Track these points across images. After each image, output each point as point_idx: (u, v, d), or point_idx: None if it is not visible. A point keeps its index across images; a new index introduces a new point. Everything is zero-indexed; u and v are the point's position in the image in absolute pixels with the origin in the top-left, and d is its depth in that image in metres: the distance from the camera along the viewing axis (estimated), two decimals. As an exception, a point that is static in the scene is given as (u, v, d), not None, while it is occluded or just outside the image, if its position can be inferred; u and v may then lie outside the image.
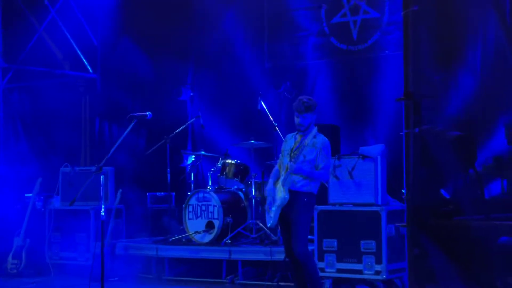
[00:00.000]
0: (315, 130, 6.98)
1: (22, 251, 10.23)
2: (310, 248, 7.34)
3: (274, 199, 6.92)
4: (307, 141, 6.90)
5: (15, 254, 10.23)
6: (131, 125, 7.27)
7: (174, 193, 11.19)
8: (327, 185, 8.50)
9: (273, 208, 6.88)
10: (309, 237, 7.10)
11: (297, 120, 6.98)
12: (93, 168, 7.03)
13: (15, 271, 10.14)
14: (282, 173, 6.95)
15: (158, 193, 11.51)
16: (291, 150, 6.98)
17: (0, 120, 12.39)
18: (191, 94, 12.50)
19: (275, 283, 8.45)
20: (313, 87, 11.29)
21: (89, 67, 13.24)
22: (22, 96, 12.89)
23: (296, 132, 7.08)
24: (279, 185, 6.92)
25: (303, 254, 6.85)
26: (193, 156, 10.89)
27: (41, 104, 12.78)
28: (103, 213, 7.07)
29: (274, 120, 9.61)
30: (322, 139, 6.99)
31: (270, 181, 7.08)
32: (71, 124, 13.09)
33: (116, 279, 9.46)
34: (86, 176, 10.12)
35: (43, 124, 12.82)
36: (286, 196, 6.83)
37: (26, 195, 10.99)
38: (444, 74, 6.35)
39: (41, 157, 12.24)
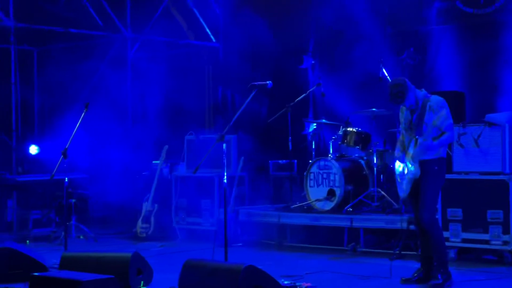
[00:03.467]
0: (425, 95, 6.86)
1: (151, 216, 10.66)
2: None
3: (404, 170, 6.85)
4: (423, 108, 6.78)
5: (144, 219, 10.67)
6: (252, 94, 7.38)
7: (296, 161, 11.26)
8: (451, 154, 8.32)
9: (405, 181, 6.83)
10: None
11: (404, 106, 6.91)
12: (216, 136, 7.20)
13: (144, 234, 10.59)
14: (411, 145, 6.84)
15: (280, 161, 11.63)
16: (410, 122, 6.89)
17: (129, 89, 12.88)
18: (312, 62, 12.47)
19: (397, 252, 8.38)
20: (437, 53, 10.99)
21: (212, 37, 13.48)
22: (149, 65, 13.29)
23: None
24: (409, 157, 6.83)
25: (429, 222, 6.82)
26: (315, 124, 10.91)
27: (166, 73, 13.15)
28: (225, 180, 7.25)
29: (396, 87, 9.42)
30: (436, 100, 6.85)
31: (397, 151, 7.02)
32: (195, 93, 13.40)
33: (239, 244, 9.69)
34: (209, 144, 10.34)
35: (168, 93, 13.19)
36: (418, 171, 6.77)
37: (153, 162, 11.40)
38: None
39: (167, 124, 12.63)
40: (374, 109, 9.73)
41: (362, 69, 11.21)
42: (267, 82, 7.42)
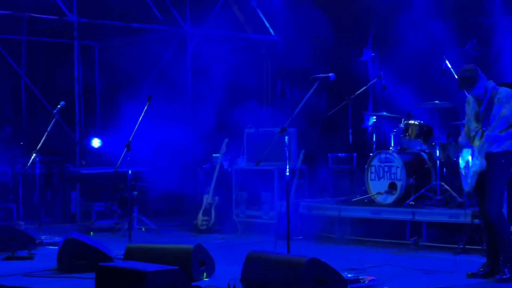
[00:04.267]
0: (493, 86, 6.73)
1: (211, 209, 10.73)
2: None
3: (469, 163, 6.75)
4: (491, 100, 6.66)
5: (205, 211, 10.75)
6: (314, 87, 7.35)
7: (355, 154, 11.19)
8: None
9: (470, 174, 6.73)
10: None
11: (472, 94, 6.78)
12: (276, 129, 7.20)
13: (205, 227, 10.67)
14: (477, 137, 6.72)
15: (339, 154, 11.57)
16: (477, 113, 6.77)
17: (189, 83, 12.99)
18: (372, 54, 12.38)
19: (461, 246, 8.25)
20: (502, 44, 10.76)
21: (271, 30, 13.47)
22: (208, 59, 13.38)
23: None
24: (475, 150, 6.72)
25: (496, 216, 6.72)
26: (374, 117, 10.82)
27: (225, 67, 13.22)
28: (288, 173, 7.24)
29: (459, 79, 9.26)
30: (505, 91, 6.73)
31: (461, 140, 6.91)
32: (253, 86, 13.43)
33: (299, 237, 9.68)
34: (269, 137, 10.38)
35: (227, 86, 13.26)
36: (484, 164, 6.67)
37: (213, 155, 11.47)
38: None
39: (226, 118, 12.70)
40: (437, 101, 9.57)
41: (424, 61, 11.06)
42: (330, 74, 7.38)
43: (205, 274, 7.15)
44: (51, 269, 7.68)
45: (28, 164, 9.63)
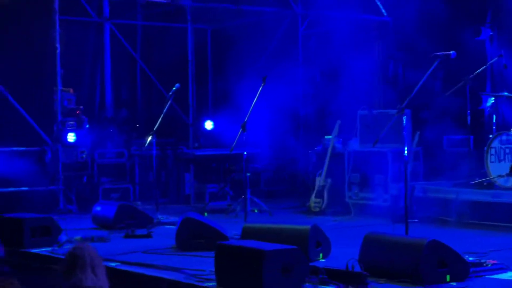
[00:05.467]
0: None
1: (324, 191, 10.67)
2: None
3: None
4: None
5: (317, 193, 10.71)
6: (434, 65, 7.17)
7: (472, 136, 10.84)
8: None
9: None
10: None
11: None
12: (391, 111, 7.05)
13: (318, 209, 10.63)
14: None
15: (454, 136, 11.25)
16: None
17: (300, 65, 12.94)
18: (491, 33, 11.92)
19: None
20: None
21: (383, 10, 13.22)
22: (319, 41, 13.28)
23: None
24: None
25: None
26: (493, 98, 10.42)
27: (335, 48, 13.08)
28: (406, 153, 7.10)
29: None
30: None
31: None
32: (365, 67, 13.23)
33: (415, 220, 9.45)
34: (383, 118, 10.19)
35: (337, 68, 13.13)
36: None
37: (325, 137, 11.39)
38: None
39: (338, 99, 12.58)
40: (562, 80, 9.14)
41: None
42: (450, 52, 7.16)
43: (321, 255, 7.10)
44: (169, 247, 7.84)
45: (145, 145, 9.86)
